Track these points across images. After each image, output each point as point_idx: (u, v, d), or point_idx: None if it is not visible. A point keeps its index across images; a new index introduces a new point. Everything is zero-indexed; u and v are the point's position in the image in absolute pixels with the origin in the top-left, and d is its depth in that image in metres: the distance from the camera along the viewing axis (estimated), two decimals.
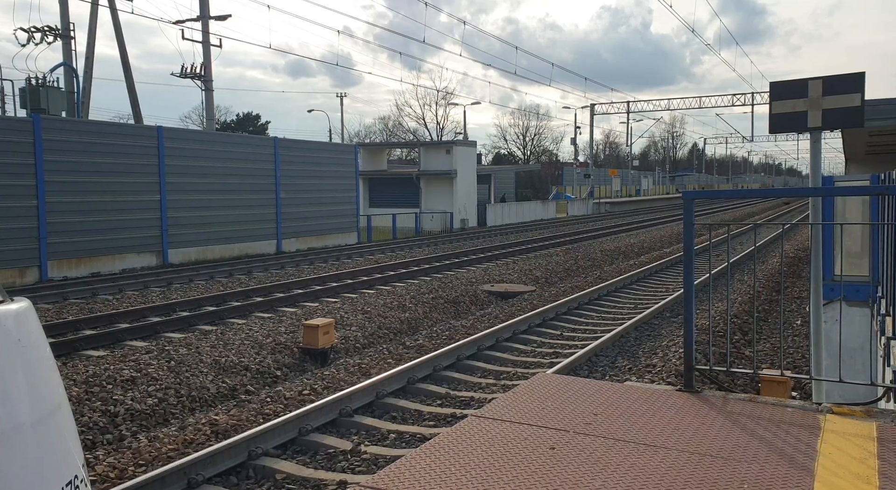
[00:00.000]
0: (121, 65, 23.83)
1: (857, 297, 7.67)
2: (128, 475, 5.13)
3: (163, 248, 18.30)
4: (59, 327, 10.02)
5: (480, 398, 7.11)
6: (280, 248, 22.07)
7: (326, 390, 7.24)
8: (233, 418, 6.31)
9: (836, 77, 4.60)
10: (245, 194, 20.90)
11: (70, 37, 22.63)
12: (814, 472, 2.82)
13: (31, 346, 1.23)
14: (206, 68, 25.25)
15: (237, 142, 21.83)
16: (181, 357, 8.06)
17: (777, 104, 4.75)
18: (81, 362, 8.04)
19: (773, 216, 43.27)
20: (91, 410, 6.44)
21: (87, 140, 16.52)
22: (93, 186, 16.56)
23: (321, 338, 8.71)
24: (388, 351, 9.09)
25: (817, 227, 4.65)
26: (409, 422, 6.51)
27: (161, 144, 18.28)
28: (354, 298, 12.63)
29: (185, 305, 11.99)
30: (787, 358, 9.05)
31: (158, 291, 13.95)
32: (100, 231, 16.65)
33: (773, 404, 3.69)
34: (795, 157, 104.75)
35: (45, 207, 15.45)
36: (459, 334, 9.91)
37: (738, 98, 55.70)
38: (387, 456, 5.54)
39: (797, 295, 13.68)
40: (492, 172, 43.11)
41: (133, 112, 24.42)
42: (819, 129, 4.71)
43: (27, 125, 15.38)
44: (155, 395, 6.95)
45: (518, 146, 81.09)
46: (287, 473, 5.23)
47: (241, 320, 10.78)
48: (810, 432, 3.25)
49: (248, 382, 7.79)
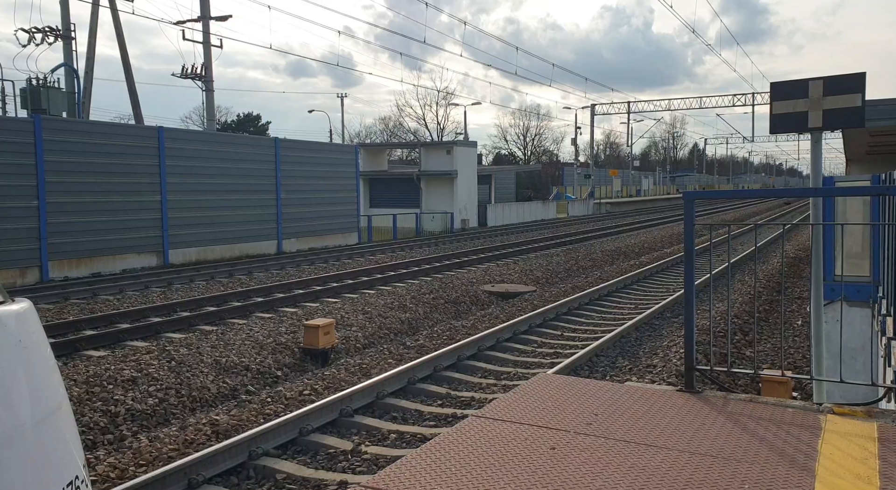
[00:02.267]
0: (121, 65, 23.86)
1: (857, 297, 7.67)
2: (128, 475, 5.13)
3: (163, 249, 18.30)
4: (60, 327, 10.02)
5: (481, 398, 7.11)
6: (281, 248, 22.08)
7: (327, 390, 7.24)
8: (233, 418, 6.31)
9: (837, 77, 4.60)
10: (246, 195, 20.90)
11: (71, 37, 22.64)
12: (814, 472, 2.82)
13: (31, 347, 1.23)
14: (207, 69, 25.27)
15: (238, 142, 21.84)
16: (182, 357, 8.07)
17: (778, 104, 4.75)
18: (82, 362, 8.05)
19: (774, 216, 43.25)
20: (92, 410, 6.44)
21: (87, 140, 16.53)
22: (94, 187, 16.57)
23: (322, 338, 8.72)
24: (389, 351, 9.09)
25: (818, 228, 4.65)
26: (410, 422, 6.51)
27: (162, 145, 18.28)
28: (355, 298, 12.63)
29: (186, 305, 11.99)
30: (788, 358, 9.05)
31: (159, 291, 13.95)
32: (100, 231, 16.66)
33: (774, 405, 3.69)
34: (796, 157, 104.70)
35: (46, 208, 15.46)
36: (460, 334, 9.91)
37: (738, 98, 55.72)
38: (387, 456, 5.54)
39: (798, 295, 13.67)
40: (492, 173, 43.11)
41: (134, 112, 24.42)
42: (820, 129, 4.71)
43: (28, 126, 15.39)
44: (155, 395, 6.96)
45: (518, 146, 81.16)
46: (288, 473, 5.23)
47: (242, 320, 10.79)
48: (811, 433, 3.25)
49: (248, 382, 7.79)
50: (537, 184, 60.36)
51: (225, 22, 25.90)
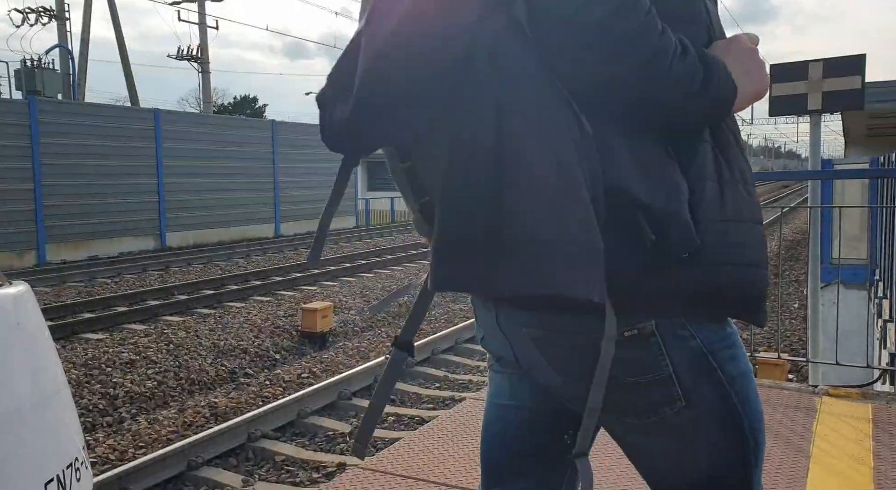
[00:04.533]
0: (116, 46, 23.66)
1: (854, 280, 7.70)
2: (128, 457, 5.16)
3: (161, 232, 18.27)
4: (58, 310, 10.03)
5: (479, 381, 7.14)
6: (279, 231, 22.05)
7: (325, 373, 7.27)
8: (232, 401, 6.34)
9: (837, 59, 4.57)
10: (243, 177, 20.83)
11: (65, 18, 22.41)
12: (809, 453, 2.85)
13: (29, 330, 1.23)
14: (203, 50, 25.07)
15: (235, 125, 21.71)
16: (180, 340, 8.08)
17: (777, 87, 4.72)
18: (80, 345, 8.06)
19: (772, 199, 43.24)
20: (90, 393, 6.47)
21: (83, 123, 16.42)
22: (90, 169, 16.49)
23: (320, 321, 8.73)
24: (387, 335, 9.12)
25: (816, 210, 4.65)
26: (408, 404, 6.54)
27: (158, 127, 18.18)
28: (353, 282, 12.64)
29: (184, 289, 11.99)
30: (785, 341, 9.10)
31: (156, 275, 13.95)
32: (97, 214, 16.61)
33: (770, 386, 3.72)
34: (795, 140, 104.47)
35: (42, 190, 15.40)
36: (458, 318, 9.94)
37: None
38: (385, 438, 5.57)
39: (795, 278, 13.71)
40: None
41: (129, 94, 24.25)
42: (819, 111, 4.69)
43: (23, 107, 15.29)
44: (154, 378, 6.98)
45: None
46: (286, 455, 5.26)
47: (240, 304, 10.80)
48: (806, 414, 3.27)
49: (246, 365, 7.81)
50: None
51: (221, 2, 25.63)
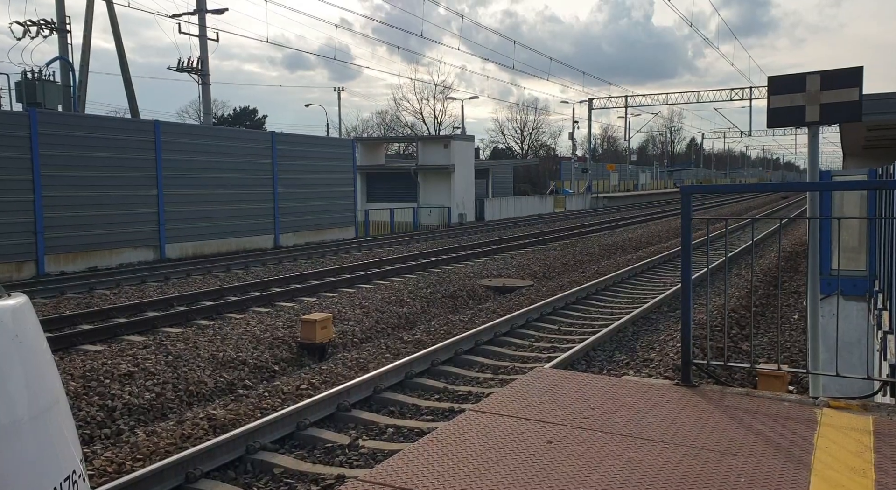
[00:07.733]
0: (117, 58, 23.76)
1: (854, 291, 7.68)
2: (126, 469, 5.13)
3: (160, 243, 18.27)
4: (57, 322, 10.01)
5: (478, 392, 7.12)
6: (278, 242, 22.05)
7: (324, 385, 7.24)
8: (231, 413, 6.31)
9: (835, 71, 4.60)
10: (242, 189, 20.86)
11: (66, 30, 22.52)
12: (810, 465, 2.83)
13: (28, 342, 1.23)
14: (203, 62, 25.16)
15: (234, 136, 21.78)
16: (179, 351, 8.06)
17: (775, 98, 4.74)
18: (79, 357, 8.04)
19: (771, 211, 43.29)
20: (89, 405, 6.44)
21: (83, 134, 16.47)
22: (90, 181, 16.52)
23: (319, 332, 8.71)
24: (386, 345, 9.09)
25: (815, 222, 4.65)
26: (407, 416, 6.51)
27: (158, 139, 18.23)
28: (352, 293, 12.63)
29: (183, 300, 11.98)
30: (785, 352, 9.08)
31: (155, 286, 13.93)
32: (97, 225, 16.62)
33: (770, 398, 3.71)
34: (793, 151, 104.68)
35: (42, 202, 15.42)
36: (457, 329, 9.92)
37: (736, 92, 55.69)
38: (385, 450, 5.55)
39: (794, 289, 13.71)
40: (490, 167, 43.09)
41: (130, 106, 24.33)
42: (817, 123, 4.71)
43: (23, 119, 15.33)
44: (153, 390, 6.95)
45: (516, 141, 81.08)
46: (285, 468, 5.23)
47: (239, 315, 10.78)
48: (807, 426, 3.26)
49: (245, 377, 7.79)
50: (534, 178, 60.36)
51: (221, 15, 25.74)
